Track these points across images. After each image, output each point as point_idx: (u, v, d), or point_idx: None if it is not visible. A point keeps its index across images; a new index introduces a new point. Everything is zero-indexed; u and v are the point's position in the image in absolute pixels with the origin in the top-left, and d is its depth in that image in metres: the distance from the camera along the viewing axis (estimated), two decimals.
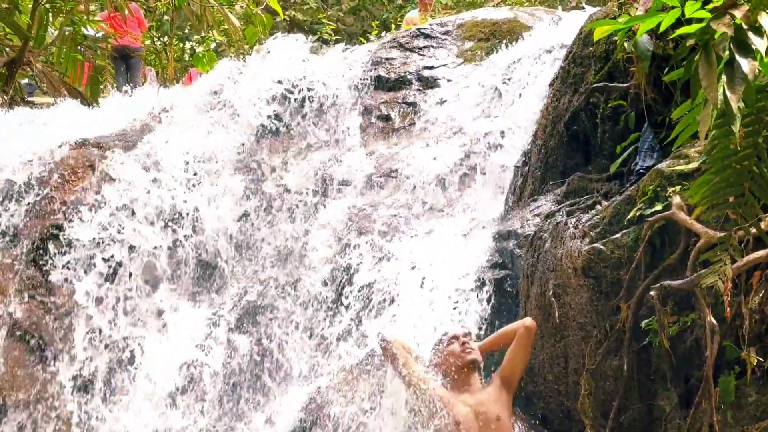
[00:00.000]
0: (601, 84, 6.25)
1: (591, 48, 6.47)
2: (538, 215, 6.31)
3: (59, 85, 12.44)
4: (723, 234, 4.06)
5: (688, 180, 4.67)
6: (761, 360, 4.06)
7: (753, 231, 3.91)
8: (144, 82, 14.34)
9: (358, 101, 9.40)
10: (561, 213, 5.70)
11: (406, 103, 9.29)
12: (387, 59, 9.84)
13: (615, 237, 4.98)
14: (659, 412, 4.66)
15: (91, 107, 10.71)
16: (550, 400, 5.42)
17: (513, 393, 4.93)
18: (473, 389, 4.78)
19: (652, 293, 4.48)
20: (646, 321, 4.64)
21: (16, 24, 11.71)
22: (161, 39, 18.38)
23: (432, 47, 10.04)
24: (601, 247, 4.98)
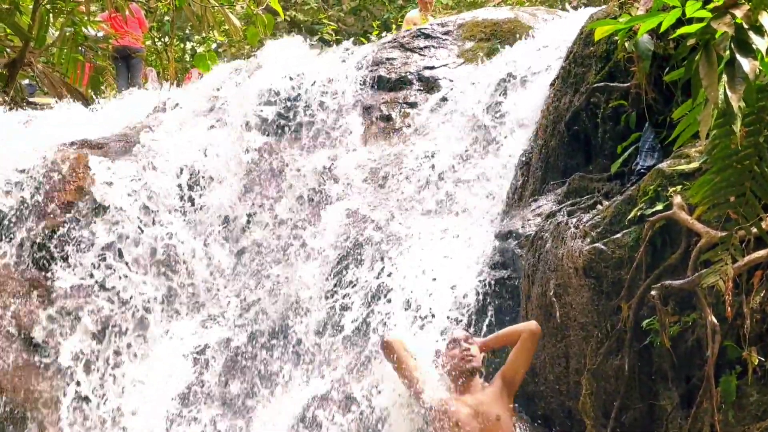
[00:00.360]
0: (602, 84, 6.24)
1: (592, 48, 6.46)
2: (539, 215, 6.31)
3: (60, 86, 12.43)
4: (724, 234, 4.06)
5: (689, 180, 4.68)
6: (762, 360, 4.06)
7: (754, 230, 3.91)
8: (145, 82, 14.34)
9: (358, 101, 9.40)
10: (562, 213, 5.70)
11: (406, 104, 9.28)
12: (388, 59, 9.83)
13: (616, 237, 4.98)
14: (660, 411, 4.66)
15: (91, 108, 10.72)
16: (551, 399, 5.42)
17: (514, 393, 4.94)
18: (474, 390, 4.79)
19: (653, 293, 4.48)
20: (647, 321, 4.63)
21: (16, 25, 11.70)
22: (162, 39, 18.39)
23: (433, 47, 10.03)
24: (602, 247, 4.98)
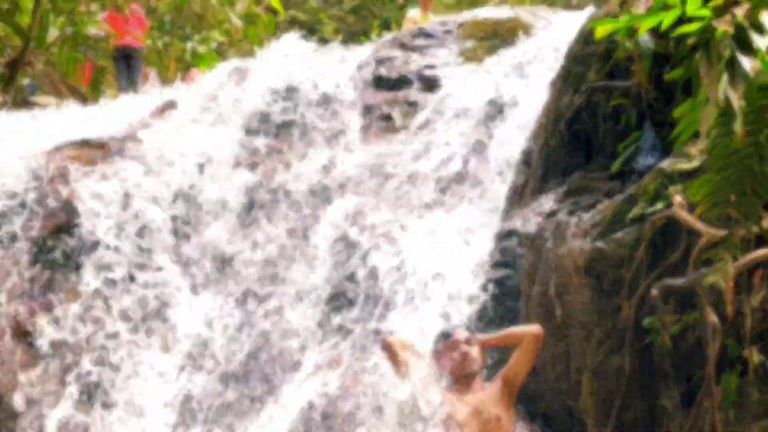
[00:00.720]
0: (602, 83, 6.23)
1: (592, 47, 6.45)
2: (539, 214, 6.30)
3: (60, 86, 12.44)
4: (725, 232, 4.06)
5: (689, 178, 4.67)
6: (763, 358, 4.06)
7: (754, 229, 3.92)
8: (145, 82, 14.34)
9: (358, 101, 9.39)
10: (562, 212, 5.69)
11: (407, 103, 9.27)
12: (388, 58, 9.82)
13: (616, 236, 4.97)
14: (661, 410, 4.66)
15: (92, 107, 10.72)
16: (551, 399, 5.41)
17: (515, 395, 4.92)
18: (474, 389, 4.78)
19: (653, 292, 4.48)
20: (647, 320, 4.63)
21: (17, 24, 11.72)
22: (162, 39, 18.39)
23: (433, 46, 10.01)
24: (603, 246, 4.98)
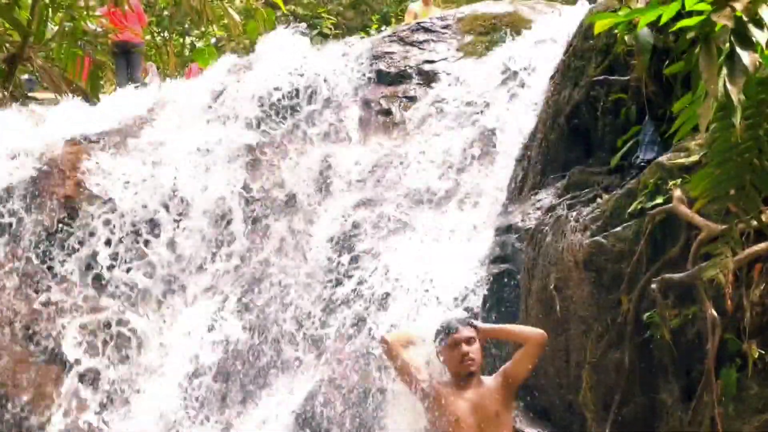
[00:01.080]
0: (602, 77, 6.22)
1: (591, 41, 6.44)
2: (539, 209, 6.30)
3: (59, 81, 12.42)
4: (724, 227, 4.05)
5: (689, 173, 4.66)
6: (763, 353, 4.06)
7: (754, 223, 3.91)
8: (145, 77, 14.32)
9: (358, 96, 9.38)
10: (562, 206, 5.69)
11: (406, 98, 9.27)
12: (387, 53, 9.82)
13: (616, 230, 4.97)
14: (661, 405, 4.66)
15: (92, 103, 10.71)
16: (551, 393, 5.42)
17: (515, 392, 4.90)
18: (473, 384, 4.76)
19: (653, 286, 4.47)
20: (647, 314, 4.63)
21: (16, 19, 11.70)
22: (161, 34, 18.37)
23: (432, 41, 10.01)
24: (602, 241, 4.98)
